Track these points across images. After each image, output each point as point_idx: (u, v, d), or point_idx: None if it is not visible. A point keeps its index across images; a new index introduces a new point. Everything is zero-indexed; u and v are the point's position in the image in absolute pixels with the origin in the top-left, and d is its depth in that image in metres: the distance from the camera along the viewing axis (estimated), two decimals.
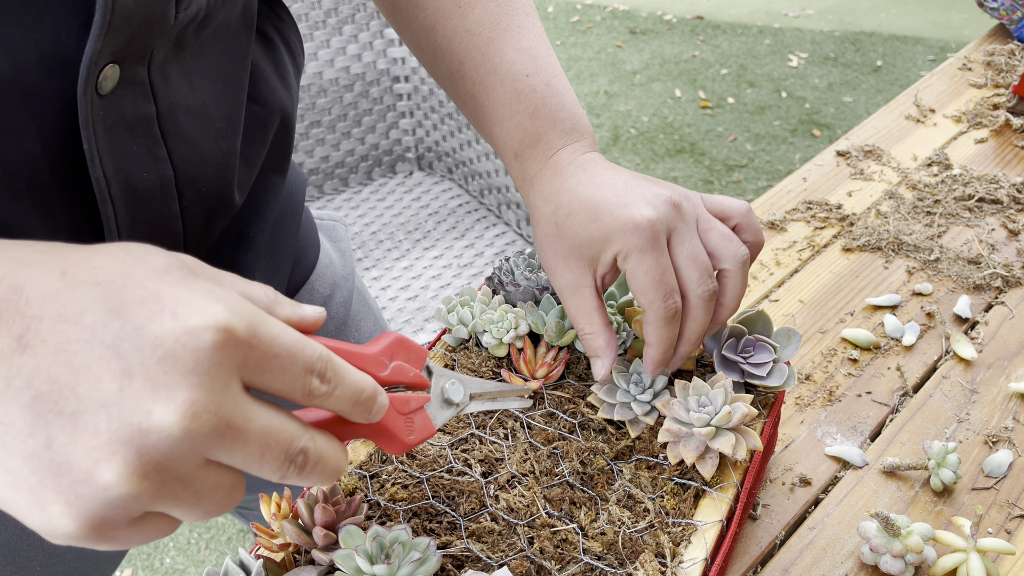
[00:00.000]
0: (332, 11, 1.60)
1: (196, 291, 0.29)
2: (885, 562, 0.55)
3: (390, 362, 0.41)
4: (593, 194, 0.53)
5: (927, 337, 0.74)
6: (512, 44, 0.57)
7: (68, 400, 0.27)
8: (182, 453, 0.28)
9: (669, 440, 0.53)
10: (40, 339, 0.28)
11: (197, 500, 0.30)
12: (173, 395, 0.27)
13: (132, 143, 0.44)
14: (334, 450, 0.35)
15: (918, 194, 0.92)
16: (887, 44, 3.64)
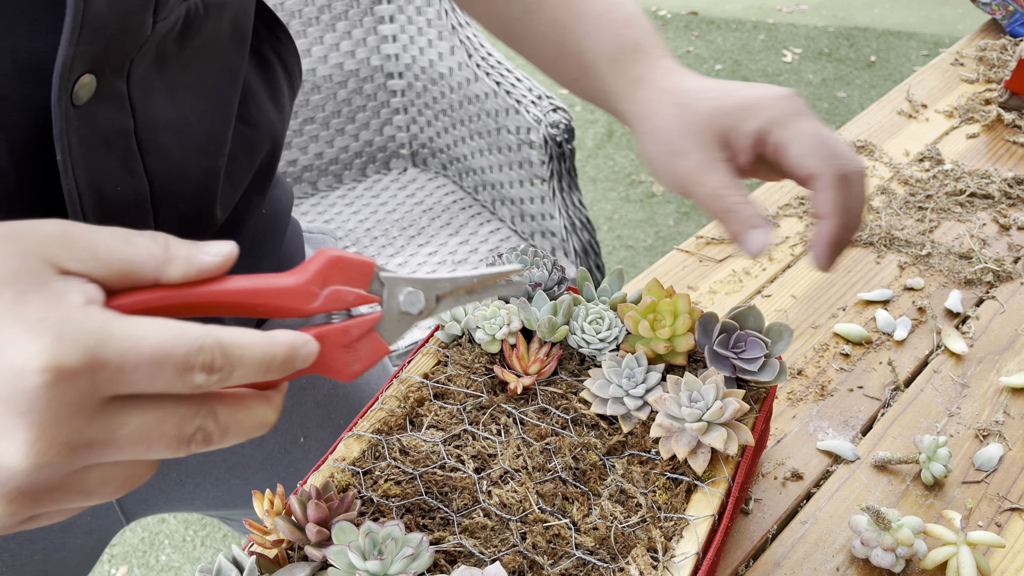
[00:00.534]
0: (326, 7, 1.60)
1: (24, 321, 0.27)
2: (876, 555, 0.55)
3: (323, 289, 0.37)
4: (723, 83, 0.50)
5: (918, 332, 0.75)
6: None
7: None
8: (42, 477, 0.28)
9: (661, 435, 0.53)
10: None
11: (86, 496, 0.30)
12: (12, 436, 0.27)
13: (107, 156, 0.43)
14: (247, 412, 0.33)
15: (910, 189, 0.92)
16: (881, 39, 3.64)
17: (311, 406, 0.68)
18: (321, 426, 0.69)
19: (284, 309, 0.36)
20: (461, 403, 0.57)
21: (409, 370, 0.60)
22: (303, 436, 0.68)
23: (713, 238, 0.87)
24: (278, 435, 0.66)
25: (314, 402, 0.68)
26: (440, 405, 0.57)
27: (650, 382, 0.56)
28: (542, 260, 0.64)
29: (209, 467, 0.64)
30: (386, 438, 0.55)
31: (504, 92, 1.46)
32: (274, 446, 0.66)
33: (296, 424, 0.67)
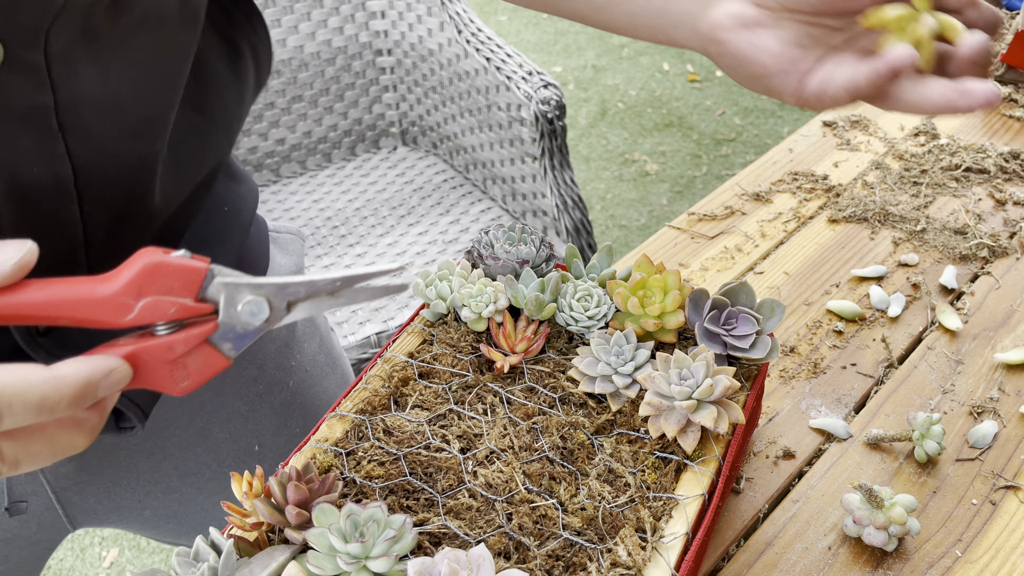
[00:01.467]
0: None
1: None
2: (868, 534, 0.55)
3: (137, 301, 0.33)
4: None
5: (912, 308, 0.74)
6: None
7: None
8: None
9: (650, 414, 0.52)
10: None
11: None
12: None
13: (22, 134, 0.40)
14: (43, 441, 0.32)
15: (905, 164, 0.91)
16: None
17: (267, 413, 0.65)
18: (276, 434, 0.66)
19: (92, 322, 0.33)
20: (447, 382, 0.56)
21: (394, 349, 0.59)
22: (257, 444, 0.66)
23: (705, 215, 0.86)
24: (232, 443, 0.64)
25: (270, 410, 0.66)
26: (425, 384, 0.56)
27: (639, 360, 0.54)
28: (530, 237, 0.63)
29: (160, 475, 0.62)
30: (370, 418, 0.54)
31: (494, 68, 1.44)
32: (228, 454, 0.64)
33: (251, 432, 0.65)
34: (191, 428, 0.61)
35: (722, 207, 0.87)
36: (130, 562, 1.55)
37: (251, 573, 0.44)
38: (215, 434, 0.63)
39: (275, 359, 0.66)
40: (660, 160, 2.71)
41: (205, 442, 0.62)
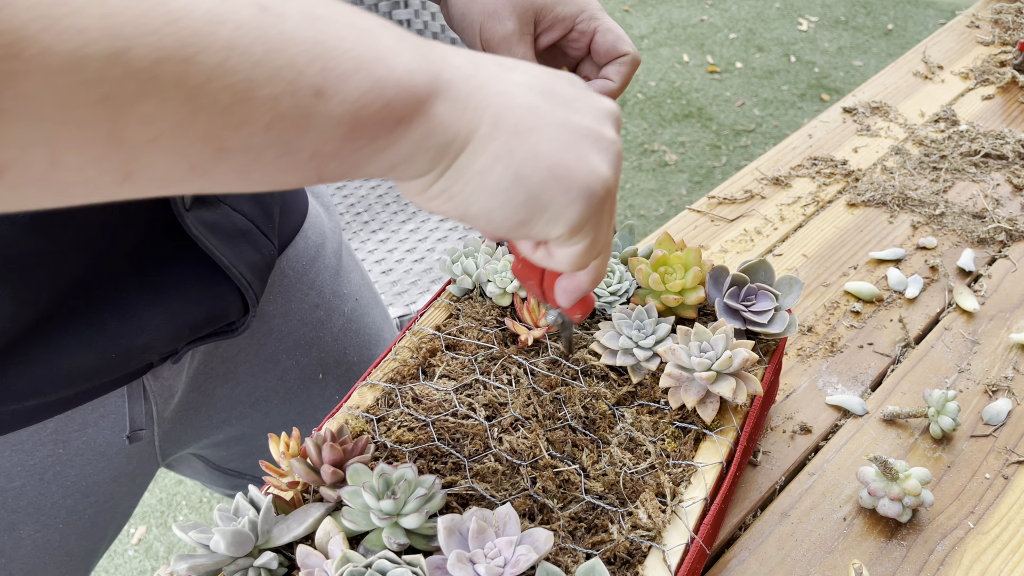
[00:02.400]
0: None
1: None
2: (883, 505, 0.56)
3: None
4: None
5: (930, 290, 0.75)
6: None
7: (558, 95, 0.35)
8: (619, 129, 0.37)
9: (671, 385, 0.53)
10: (512, 67, 0.35)
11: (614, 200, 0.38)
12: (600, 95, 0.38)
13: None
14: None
15: (924, 150, 0.91)
16: (898, 7, 3.59)
17: (328, 340, 0.69)
18: (338, 363, 0.71)
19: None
20: (472, 354, 0.58)
21: (422, 322, 0.61)
22: (321, 373, 0.69)
23: (725, 198, 0.87)
24: (299, 370, 0.68)
25: (331, 336, 0.70)
26: (452, 356, 0.58)
27: (660, 333, 0.56)
28: None
29: (234, 403, 0.66)
30: (399, 387, 0.56)
31: None
32: (294, 381, 0.68)
33: (315, 359, 0.69)
34: (261, 354, 0.65)
35: (742, 191, 0.88)
36: (157, 539, 1.58)
37: (288, 528, 0.46)
38: (283, 361, 0.67)
39: (330, 286, 0.70)
40: (679, 150, 2.71)
41: (275, 368, 0.66)
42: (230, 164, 0.27)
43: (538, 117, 0.34)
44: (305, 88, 0.27)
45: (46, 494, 0.57)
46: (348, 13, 0.30)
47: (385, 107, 0.29)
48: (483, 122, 0.33)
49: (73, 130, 0.23)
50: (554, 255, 0.38)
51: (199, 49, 0.24)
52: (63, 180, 0.25)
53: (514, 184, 0.33)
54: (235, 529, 0.43)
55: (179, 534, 0.44)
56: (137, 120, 0.24)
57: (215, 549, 0.43)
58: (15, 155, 0.23)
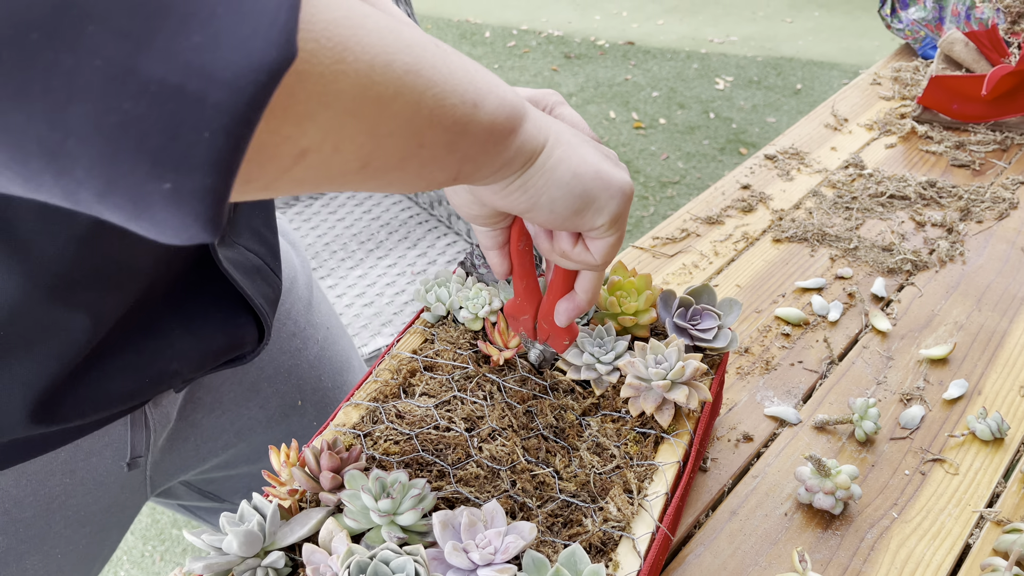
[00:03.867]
0: None
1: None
2: (818, 499, 0.63)
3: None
4: None
5: (849, 314, 0.84)
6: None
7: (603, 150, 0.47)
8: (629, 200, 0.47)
9: (631, 395, 0.59)
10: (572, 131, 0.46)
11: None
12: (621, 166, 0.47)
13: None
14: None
15: (838, 192, 1.02)
16: (806, 69, 3.85)
17: (305, 368, 0.73)
18: (315, 389, 0.74)
19: None
20: (449, 374, 0.63)
21: (399, 347, 0.66)
22: (300, 399, 0.73)
23: (668, 238, 0.95)
24: (279, 397, 0.72)
25: (307, 364, 0.73)
26: (430, 376, 0.63)
27: (619, 349, 0.62)
28: None
29: (219, 432, 0.69)
30: (382, 405, 0.60)
31: None
32: (275, 409, 0.72)
33: (294, 386, 0.72)
34: (244, 383, 0.68)
35: (678, 230, 0.97)
36: None
37: (292, 531, 0.50)
38: (264, 389, 0.70)
39: (304, 316, 0.74)
40: None
41: (256, 397, 0.69)
42: (420, 159, 0.35)
43: (580, 139, 0.46)
44: (469, 101, 0.36)
45: (51, 524, 0.59)
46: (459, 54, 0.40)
47: (507, 119, 0.39)
48: (550, 137, 0.43)
49: (355, 122, 0.30)
50: (592, 247, 0.48)
51: (420, 65, 0.33)
52: (333, 166, 0.31)
53: (573, 179, 0.44)
54: (246, 530, 0.47)
55: (190, 538, 0.48)
56: (388, 116, 0.31)
57: (227, 549, 0.47)
58: (318, 141, 0.28)
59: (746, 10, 4.64)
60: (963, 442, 0.69)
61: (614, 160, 0.47)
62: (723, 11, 4.64)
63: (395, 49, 0.31)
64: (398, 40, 0.31)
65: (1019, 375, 0.75)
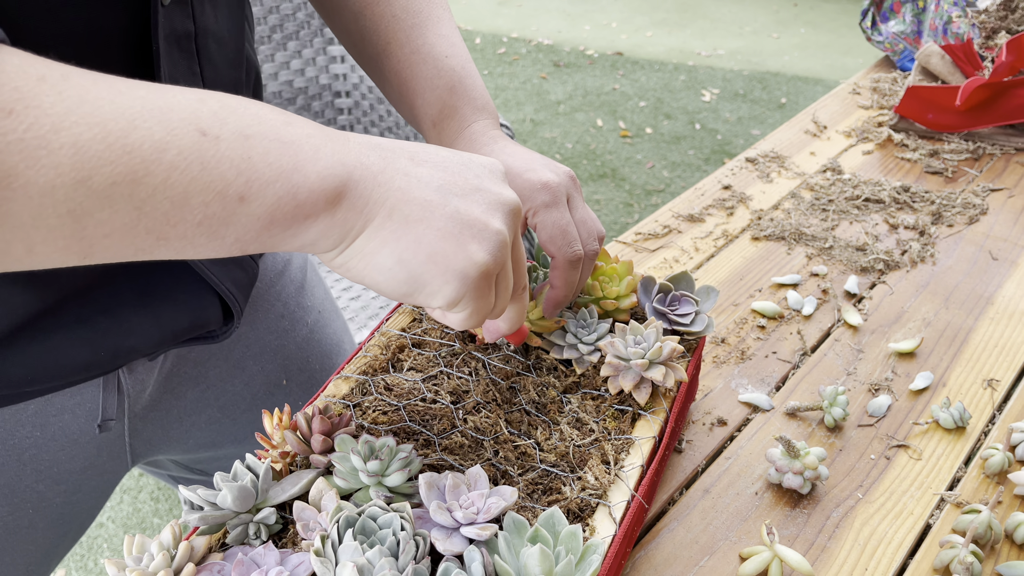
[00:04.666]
0: (278, 27, 1.68)
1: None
2: (788, 479, 0.66)
3: None
4: (505, 160, 0.62)
5: (823, 309, 0.87)
6: (433, 30, 0.66)
7: (456, 188, 0.42)
8: (515, 219, 0.44)
9: (610, 374, 0.62)
10: (423, 160, 0.42)
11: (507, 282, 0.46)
12: (506, 186, 0.44)
13: (180, 56, 0.50)
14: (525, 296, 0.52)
15: (815, 194, 1.05)
16: (791, 83, 3.92)
17: (292, 349, 0.75)
18: (301, 370, 0.76)
19: None
20: (436, 350, 0.65)
21: (388, 325, 0.68)
22: (285, 379, 0.75)
23: (650, 234, 0.98)
24: (264, 376, 0.73)
25: (295, 345, 0.75)
26: (418, 352, 0.65)
27: (600, 331, 0.65)
28: None
29: (203, 406, 0.70)
30: (371, 378, 0.62)
31: None
32: (260, 386, 0.73)
33: (279, 365, 0.74)
34: (230, 360, 0.70)
35: (661, 227, 1.00)
36: None
37: (283, 490, 0.52)
38: (249, 367, 0.71)
39: (295, 298, 0.76)
40: (595, 207, 2.86)
41: (242, 374, 0.71)
42: (169, 247, 0.35)
43: (428, 210, 0.40)
44: (232, 196, 0.35)
45: (21, 476, 0.60)
46: (279, 127, 0.37)
47: (297, 208, 0.37)
48: (378, 214, 0.39)
49: (44, 232, 0.32)
50: (445, 316, 0.47)
51: (147, 172, 0.32)
52: (37, 261, 0.33)
53: (397, 265, 0.40)
54: (240, 485, 0.49)
55: (185, 493, 0.50)
56: (94, 224, 0.32)
57: (222, 504, 0.49)
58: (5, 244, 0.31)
59: (733, 25, 4.71)
60: (927, 430, 0.72)
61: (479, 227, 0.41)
62: (711, 25, 4.71)
63: (101, 161, 0.31)
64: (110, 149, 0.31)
65: (982, 369, 0.79)
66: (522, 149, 0.63)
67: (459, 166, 0.43)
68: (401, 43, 0.66)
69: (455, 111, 0.65)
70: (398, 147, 0.42)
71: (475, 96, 0.65)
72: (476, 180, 0.43)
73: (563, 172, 0.62)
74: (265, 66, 1.68)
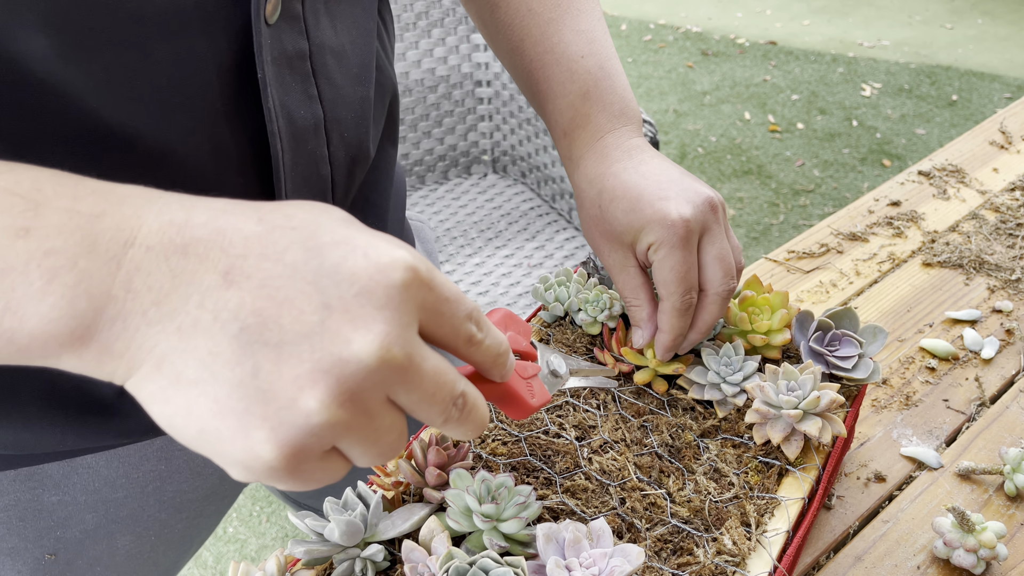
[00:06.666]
0: (423, 14, 1.67)
1: (380, 237, 0.32)
2: (958, 556, 0.57)
3: (505, 332, 0.44)
4: (637, 183, 0.55)
5: (1006, 352, 0.76)
6: (570, 26, 0.60)
7: (272, 332, 0.29)
8: (373, 384, 0.29)
9: (756, 421, 0.55)
10: (245, 275, 0.29)
11: (375, 439, 0.31)
12: (370, 327, 0.29)
13: (291, 78, 0.45)
14: (482, 400, 0.36)
15: (1001, 216, 0.93)
16: (963, 79, 3.59)
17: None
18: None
19: None
20: None
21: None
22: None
23: (805, 252, 0.89)
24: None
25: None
26: None
27: (747, 370, 0.58)
28: None
29: None
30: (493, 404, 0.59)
31: None
32: None
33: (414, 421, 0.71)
34: None
35: (817, 244, 0.90)
36: (206, 548, 1.62)
37: (393, 524, 0.49)
38: None
39: None
40: (737, 206, 2.73)
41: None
42: None
43: (209, 370, 0.29)
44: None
45: (144, 507, 0.60)
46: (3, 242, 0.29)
47: (23, 352, 0.29)
48: (145, 362, 0.29)
49: None
50: None
51: None
52: None
53: (170, 429, 0.30)
54: (348, 519, 0.46)
55: (295, 521, 0.47)
56: None
57: (329, 537, 0.46)
58: None
59: (901, 13, 4.37)
60: None
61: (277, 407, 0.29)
62: (876, 13, 4.39)
63: None
64: None
65: None
66: (660, 165, 0.57)
67: (299, 292, 0.29)
68: (535, 40, 0.60)
69: (588, 120, 0.59)
70: (220, 247, 0.30)
71: (612, 101, 0.59)
72: (313, 318, 0.29)
73: (702, 201, 0.54)
74: (408, 53, 1.68)
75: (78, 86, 0.37)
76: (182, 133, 0.42)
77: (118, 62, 0.38)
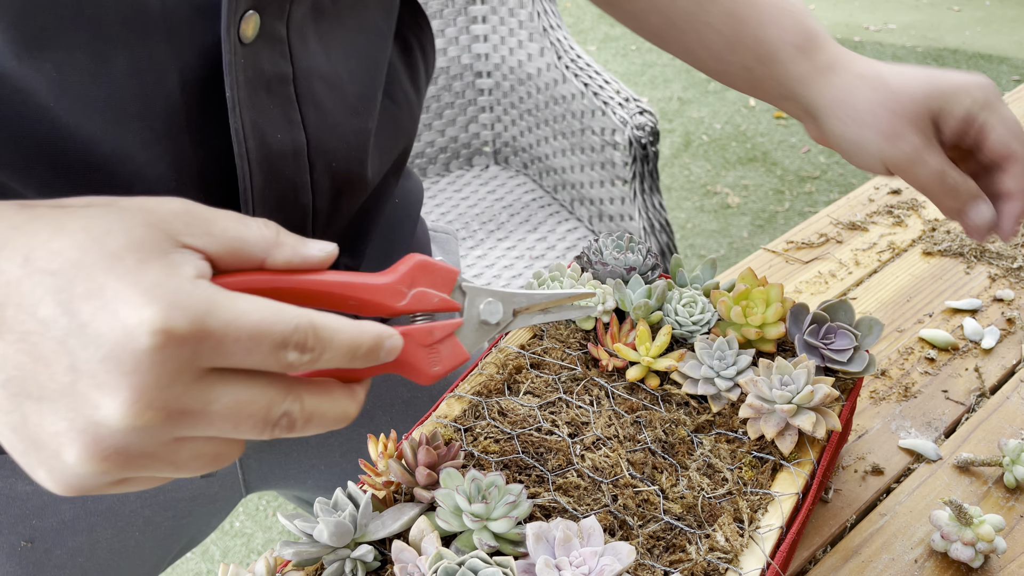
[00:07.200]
0: (423, 5, 1.66)
1: (140, 284, 0.29)
2: (956, 549, 0.56)
3: (409, 290, 0.39)
4: (918, 69, 0.54)
5: (1007, 342, 0.75)
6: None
7: (33, 386, 0.29)
8: (139, 439, 0.29)
9: (750, 416, 0.55)
10: (7, 327, 0.29)
11: (176, 468, 0.31)
12: (116, 394, 0.28)
13: (268, 101, 0.44)
14: (331, 402, 0.34)
15: None
16: (971, 62, 3.56)
17: (425, 400, 0.71)
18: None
19: (373, 304, 0.38)
20: (556, 373, 0.60)
21: (507, 340, 0.63)
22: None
23: (804, 243, 0.88)
24: (392, 426, 0.70)
25: (428, 398, 0.71)
26: (536, 374, 0.60)
27: (741, 365, 0.58)
28: (637, 245, 0.67)
29: (327, 450, 0.68)
30: (485, 400, 0.58)
31: (592, 94, 1.49)
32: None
33: (411, 419, 0.70)
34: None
35: (816, 235, 0.90)
36: (213, 542, 1.63)
37: (383, 524, 0.49)
38: (378, 416, 0.69)
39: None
40: (742, 193, 2.72)
41: (369, 424, 0.68)
42: None
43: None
44: None
45: (124, 501, 0.60)
46: None
47: None
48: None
49: None
50: None
51: None
52: None
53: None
54: (337, 520, 0.46)
55: (284, 522, 0.47)
56: None
57: (318, 538, 0.46)
58: None
59: None
60: None
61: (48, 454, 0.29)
62: None
63: None
64: None
65: None
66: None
67: (51, 351, 0.29)
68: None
69: (819, 33, 0.58)
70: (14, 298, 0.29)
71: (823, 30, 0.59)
72: (64, 380, 0.29)
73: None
74: None
75: (31, 83, 0.37)
76: (139, 142, 0.41)
77: (70, 63, 0.37)
